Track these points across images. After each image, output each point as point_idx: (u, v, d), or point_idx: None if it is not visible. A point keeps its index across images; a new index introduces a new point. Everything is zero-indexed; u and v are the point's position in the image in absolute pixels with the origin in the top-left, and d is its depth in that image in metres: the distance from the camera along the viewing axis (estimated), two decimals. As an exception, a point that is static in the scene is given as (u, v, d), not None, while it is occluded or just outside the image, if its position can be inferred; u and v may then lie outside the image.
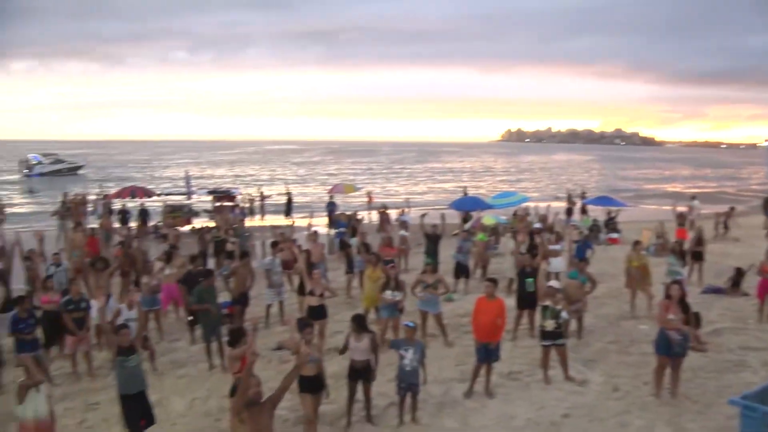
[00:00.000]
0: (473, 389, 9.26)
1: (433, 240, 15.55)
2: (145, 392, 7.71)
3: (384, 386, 9.09)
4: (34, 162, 69.52)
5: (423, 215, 16.46)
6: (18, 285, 12.71)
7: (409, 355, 8.20)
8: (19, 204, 43.38)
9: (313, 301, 10.82)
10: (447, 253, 16.55)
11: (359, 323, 8.22)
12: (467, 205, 22.28)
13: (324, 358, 8.53)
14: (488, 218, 19.81)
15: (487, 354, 9.15)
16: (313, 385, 7.62)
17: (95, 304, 10.94)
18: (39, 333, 10.26)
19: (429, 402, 8.92)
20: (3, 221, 24.58)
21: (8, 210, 29.51)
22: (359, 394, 8.37)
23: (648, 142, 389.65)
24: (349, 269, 15.11)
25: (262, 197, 30.41)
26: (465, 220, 20.34)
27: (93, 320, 10.89)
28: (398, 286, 10.98)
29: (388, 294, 10.88)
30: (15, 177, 68.14)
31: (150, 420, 7.67)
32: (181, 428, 8.54)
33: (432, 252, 15.20)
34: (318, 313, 10.64)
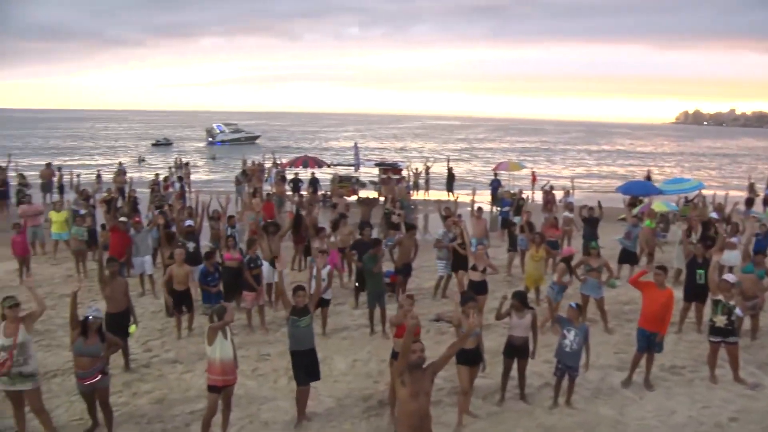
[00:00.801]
0: (632, 379, 9.06)
1: (590, 224, 15.18)
2: (314, 350, 8.24)
3: (540, 366, 9.14)
4: (217, 131, 75.40)
5: (585, 207, 16.03)
6: (203, 242, 13.97)
7: (571, 336, 8.14)
8: (204, 169, 47.13)
9: (476, 276, 11.04)
10: (609, 237, 16.05)
11: (521, 300, 8.30)
12: (636, 190, 21.35)
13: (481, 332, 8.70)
14: (658, 204, 18.87)
15: (649, 344, 8.88)
16: (470, 358, 7.81)
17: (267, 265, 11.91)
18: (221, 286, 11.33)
19: (584, 387, 8.85)
20: (189, 184, 26.93)
21: (193, 177, 32.12)
22: (514, 371, 8.45)
23: None
24: (511, 247, 15.15)
25: (427, 171, 30.83)
26: (632, 204, 19.53)
27: (265, 279, 11.82)
28: (570, 270, 10.95)
29: (567, 278, 10.94)
30: (201, 144, 74.19)
31: (315, 376, 8.22)
32: (342, 386, 9.09)
33: (590, 236, 14.83)
34: (479, 288, 10.84)
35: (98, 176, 27.26)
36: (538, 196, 25.36)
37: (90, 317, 7.19)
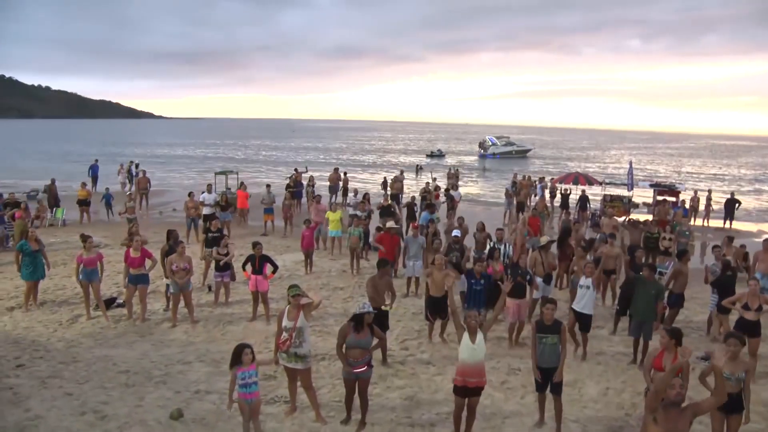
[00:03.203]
0: None
1: None
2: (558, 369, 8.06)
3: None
4: (489, 143, 76.95)
5: None
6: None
7: None
8: (474, 181, 48.19)
9: (749, 315, 9.86)
10: None
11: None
12: None
13: (754, 380, 7.82)
14: None
15: None
16: (729, 405, 7.03)
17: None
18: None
19: None
20: (456, 191, 27.75)
21: (463, 189, 33.07)
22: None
23: None
24: (803, 288, 13.29)
25: (709, 197, 28.43)
26: None
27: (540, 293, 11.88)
28: None
29: None
30: (473, 158, 76.27)
31: (556, 391, 8.05)
32: (590, 413, 8.75)
33: None
34: (751, 328, 9.69)
35: (384, 183, 30.06)
36: None
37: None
